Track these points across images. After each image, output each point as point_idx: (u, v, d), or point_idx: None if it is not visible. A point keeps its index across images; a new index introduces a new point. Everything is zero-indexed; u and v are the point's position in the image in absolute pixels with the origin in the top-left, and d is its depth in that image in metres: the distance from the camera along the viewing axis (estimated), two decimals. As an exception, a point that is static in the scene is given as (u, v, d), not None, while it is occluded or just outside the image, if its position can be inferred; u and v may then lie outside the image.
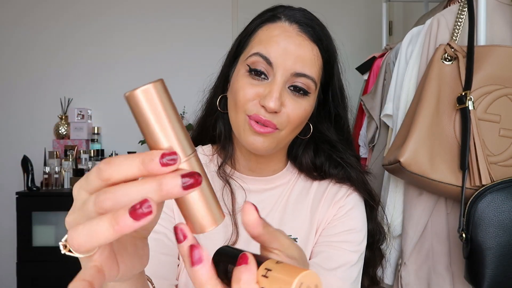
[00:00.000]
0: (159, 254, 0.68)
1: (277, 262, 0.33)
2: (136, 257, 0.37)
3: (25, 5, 2.65)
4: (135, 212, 0.27)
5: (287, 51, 0.67)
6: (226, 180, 0.76)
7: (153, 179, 0.29)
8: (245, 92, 0.67)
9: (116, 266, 0.34)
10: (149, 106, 0.30)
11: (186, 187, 0.28)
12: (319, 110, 0.78)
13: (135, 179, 0.30)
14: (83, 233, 0.29)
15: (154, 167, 0.29)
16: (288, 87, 0.68)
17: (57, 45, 2.67)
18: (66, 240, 0.31)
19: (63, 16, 2.68)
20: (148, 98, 0.30)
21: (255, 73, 0.67)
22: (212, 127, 0.80)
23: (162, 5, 2.72)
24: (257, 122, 0.67)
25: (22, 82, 2.65)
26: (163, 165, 0.29)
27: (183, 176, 0.29)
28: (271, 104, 0.64)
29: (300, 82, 0.67)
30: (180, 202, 0.33)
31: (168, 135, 0.30)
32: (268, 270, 0.32)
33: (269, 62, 0.67)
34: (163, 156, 0.29)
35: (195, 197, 0.32)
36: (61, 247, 0.32)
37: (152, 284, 0.59)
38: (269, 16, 0.72)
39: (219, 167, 0.77)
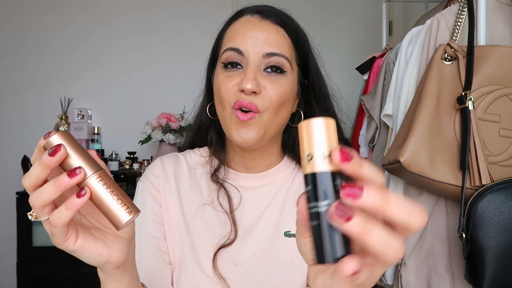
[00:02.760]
0: (152, 265, 0.70)
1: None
2: (100, 242, 0.48)
3: (24, 4, 2.65)
4: (69, 174, 0.42)
5: (254, 37, 0.70)
6: (220, 184, 0.77)
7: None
8: (225, 85, 0.70)
9: (75, 234, 0.46)
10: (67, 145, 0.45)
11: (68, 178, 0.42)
12: (307, 97, 0.79)
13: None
14: (35, 194, 0.42)
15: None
16: (264, 70, 0.70)
17: (57, 45, 2.67)
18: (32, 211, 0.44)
19: (63, 16, 2.68)
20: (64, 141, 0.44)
21: (230, 65, 0.71)
22: (204, 134, 0.82)
23: (162, 4, 2.72)
24: (241, 110, 0.69)
25: (22, 82, 2.65)
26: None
27: (68, 173, 0.42)
28: (248, 85, 0.67)
29: (273, 61, 0.70)
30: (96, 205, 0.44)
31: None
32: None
33: (239, 52, 0.70)
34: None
35: (102, 202, 0.43)
36: (30, 217, 0.44)
37: None
38: (234, 15, 0.76)
39: (212, 174, 0.78)
